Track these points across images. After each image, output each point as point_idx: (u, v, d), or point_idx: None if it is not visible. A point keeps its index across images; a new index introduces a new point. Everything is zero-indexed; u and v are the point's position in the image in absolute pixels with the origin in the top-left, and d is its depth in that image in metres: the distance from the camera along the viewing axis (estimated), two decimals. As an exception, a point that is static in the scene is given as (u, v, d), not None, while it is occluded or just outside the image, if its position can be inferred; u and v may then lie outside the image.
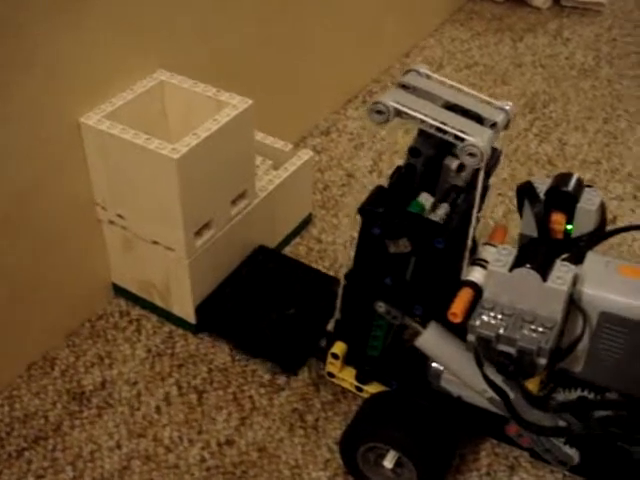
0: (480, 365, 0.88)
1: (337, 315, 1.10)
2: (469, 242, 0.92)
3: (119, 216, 1.21)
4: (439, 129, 0.87)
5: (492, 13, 2.36)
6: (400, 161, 1.66)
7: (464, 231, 0.93)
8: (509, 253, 0.87)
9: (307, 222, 1.49)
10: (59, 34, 1.05)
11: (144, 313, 1.33)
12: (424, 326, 0.98)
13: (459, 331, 0.94)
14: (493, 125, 0.90)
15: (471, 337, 0.87)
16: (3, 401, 1.18)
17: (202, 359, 1.25)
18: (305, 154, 1.41)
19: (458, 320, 0.89)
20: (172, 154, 1.07)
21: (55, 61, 1.06)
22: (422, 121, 0.88)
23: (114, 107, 1.16)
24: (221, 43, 1.37)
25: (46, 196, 1.13)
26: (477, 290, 0.92)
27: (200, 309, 1.25)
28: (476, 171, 1.03)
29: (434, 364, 1.01)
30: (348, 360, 1.14)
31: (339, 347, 1.12)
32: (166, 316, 1.30)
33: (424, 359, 1.02)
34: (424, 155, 0.96)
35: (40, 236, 1.15)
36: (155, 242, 1.20)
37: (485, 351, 0.86)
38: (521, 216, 1.00)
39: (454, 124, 0.87)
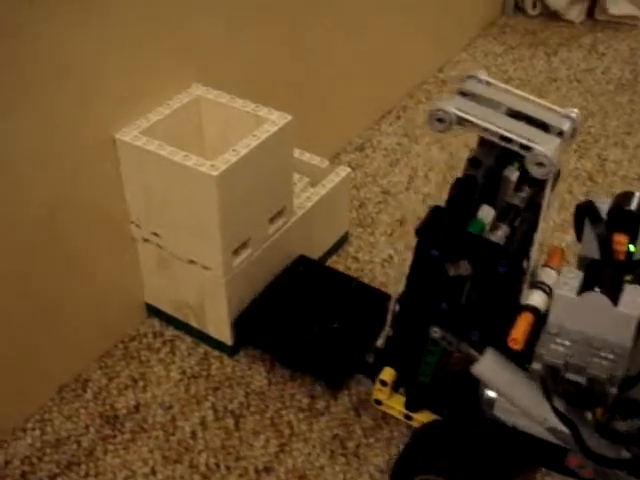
0: (548, 394, 0.83)
1: (387, 331, 1.04)
2: (532, 265, 0.88)
3: (154, 234, 1.18)
4: (504, 138, 0.82)
5: (525, 27, 2.32)
6: (436, 177, 1.64)
7: (524, 253, 0.89)
8: (575, 276, 0.83)
9: (344, 240, 1.45)
10: (94, 49, 1.02)
11: (178, 334, 1.29)
12: (480, 352, 0.93)
13: (515, 357, 0.89)
14: (560, 133, 0.84)
15: (537, 365, 0.82)
16: (34, 425, 1.15)
17: (239, 382, 1.21)
18: (342, 171, 1.38)
19: (519, 347, 0.84)
20: (211, 171, 1.03)
21: (90, 77, 1.03)
22: (485, 129, 0.83)
23: (150, 123, 1.13)
24: (255, 58, 1.34)
25: (80, 214, 1.10)
26: (537, 315, 0.87)
27: (238, 321, 1.21)
28: (536, 190, 0.98)
29: (487, 391, 0.96)
30: (397, 385, 1.09)
31: (388, 373, 1.07)
32: (201, 337, 1.27)
33: (476, 386, 0.97)
34: (484, 166, 0.90)
35: (72, 255, 1.12)
36: (191, 261, 1.17)
37: (552, 380, 0.81)
38: (579, 236, 0.95)
39: (520, 132, 0.82)
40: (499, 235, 0.91)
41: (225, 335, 1.22)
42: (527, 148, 0.81)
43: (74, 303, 1.16)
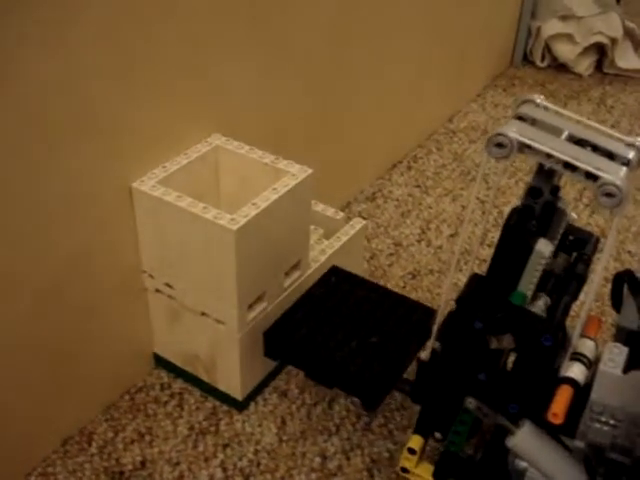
0: (593, 475, 0.80)
1: (432, 343, 0.97)
2: (576, 338, 0.86)
3: (167, 285, 1.16)
4: (568, 165, 0.77)
5: (534, 79, 2.33)
6: (448, 230, 1.62)
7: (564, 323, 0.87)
8: (620, 352, 0.80)
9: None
10: (117, 98, 1.01)
11: (186, 386, 1.26)
12: (516, 425, 0.91)
13: (552, 429, 0.87)
14: (626, 163, 0.79)
15: (580, 444, 0.80)
16: (37, 478, 1.11)
17: (248, 438, 1.18)
18: (358, 223, 1.36)
19: (559, 422, 0.81)
20: (231, 225, 1.01)
21: (110, 126, 1.02)
22: (549, 156, 0.78)
23: (168, 172, 1.11)
24: (270, 109, 1.33)
25: (92, 263, 1.08)
26: (577, 387, 0.84)
27: (268, 335, 1.13)
28: (576, 258, 0.96)
29: (517, 461, 0.93)
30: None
31: (416, 441, 1.04)
32: (210, 390, 1.23)
33: (505, 456, 0.95)
34: (544, 196, 0.85)
35: (82, 302, 1.09)
36: (204, 314, 1.14)
37: (595, 459, 0.78)
38: (617, 306, 0.93)
39: (585, 160, 0.77)
40: (539, 305, 0.89)
41: (235, 390, 1.20)
42: (593, 177, 0.76)
43: (81, 352, 1.13)
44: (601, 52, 2.38)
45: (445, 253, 1.56)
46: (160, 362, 1.28)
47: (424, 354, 0.98)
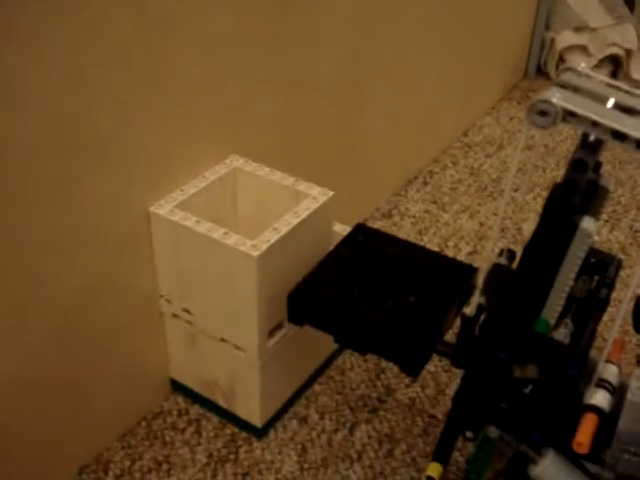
0: None
1: (477, 298, 0.89)
2: (601, 366, 0.83)
3: (185, 310, 1.13)
4: (617, 134, 0.71)
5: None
6: (468, 248, 1.59)
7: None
8: None
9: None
10: (129, 120, 0.99)
11: (204, 412, 1.23)
12: (539, 454, 0.88)
13: (576, 457, 0.84)
14: None
15: (609, 475, 0.77)
16: (53, 509, 1.09)
17: (268, 467, 1.15)
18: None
19: (585, 451, 0.79)
20: (252, 251, 0.99)
21: (126, 149, 1.00)
22: (595, 124, 0.72)
23: (186, 196, 1.09)
24: (285, 127, 1.31)
25: (108, 288, 1.06)
26: (601, 415, 0.82)
27: (293, 297, 1.04)
28: (598, 282, 0.94)
29: None
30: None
31: (435, 469, 1.01)
32: (228, 417, 1.21)
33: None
34: (589, 170, 0.80)
35: (98, 328, 1.07)
36: (223, 340, 1.12)
37: None
38: (638, 329, 0.91)
39: (636, 128, 0.71)
40: (563, 333, 0.87)
41: (255, 417, 1.17)
42: None
43: (97, 378, 1.11)
44: (616, 63, 2.35)
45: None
46: (177, 387, 1.25)
47: (469, 309, 0.90)
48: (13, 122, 0.84)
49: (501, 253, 0.99)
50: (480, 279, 0.89)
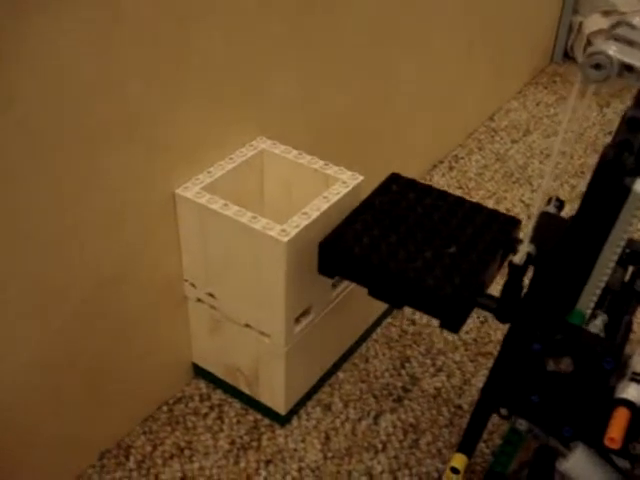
0: None
1: (527, 246, 0.84)
2: (635, 360, 0.80)
3: (210, 295, 1.11)
4: None
5: (576, 76, 2.26)
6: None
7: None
8: None
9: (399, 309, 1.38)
10: (157, 100, 0.96)
11: (226, 398, 1.21)
12: (569, 448, 0.86)
13: (606, 451, 0.82)
14: None
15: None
16: (73, 494, 1.07)
17: (291, 455, 1.13)
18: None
19: (617, 446, 0.77)
20: (281, 237, 0.96)
21: (153, 130, 0.97)
22: None
23: (213, 178, 1.06)
24: (311, 111, 1.28)
25: (132, 270, 1.04)
26: (634, 409, 0.79)
27: (324, 247, 0.99)
28: (633, 273, 0.92)
29: None
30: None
31: (460, 460, 0.99)
32: (251, 403, 1.19)
33: (551, 477, 0.90)
34: None
35: (121, 312, 1.05)
36: (247, 325, 1.10)
37: None
38: None
39: None
40: (598, 325, 0.84)
41: (279, 404, 1.15)
42: None
43: (119, 362, 1.09)
44: (645, 48, 2.30)
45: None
46: (199, 372, 1.23)
47: (517, 258, 0.84)
48: (45, 96, 0.81)
49: (549, 201, 0.95)
50: (530, 227, 0.83)
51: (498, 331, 1.35)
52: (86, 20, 0.82)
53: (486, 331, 1.35)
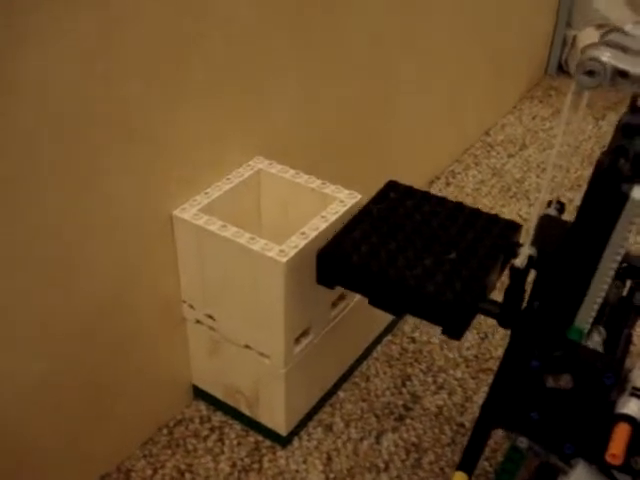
0: None
1: (528, 249, 0.82)
2: (635, 375, 0.80)
3: (208, 316, 1.10)
4: None
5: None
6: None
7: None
8: None
9: (399, 318, 1.37)
10: (156, 121, 0.96)
11: (226, 420, 1.20)
12: (570, 465, 0.85)
13: (607, 467, 0.81)
14: None
15: None
16: (73, 519, 1.06)
17: (293, 476, 1.12)
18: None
19: (619, 463, 0.76)
20: (280, 257, 0.96)
21: (151, 150, 0.97)
22: None
23: (210, 199, 1.06)
24: (311, 131, 1.28)
25: (130, 292, 1.03)
26: (634, 425, 0.78)
27: (322, 257, 0.98)
28: (631, 287, 0.91)
29: None
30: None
31: (460, 479, 0.98)
32: (252, 425, 1.18)
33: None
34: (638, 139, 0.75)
35: (120, 334, 1.04)
36: (247, 346, 1.09)
37: None
38: None
39: None
40: (596, 340, 0.84)
41: (279, 425, 1.14)
42: None
43: (118, 384, 1.08)
44: (639, 61, 2.30)
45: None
46: (199, 394, 1.22)
47: (519, 261, 0.82)
48: (37, 112, 0.81)
49: (550, 204, 0.95)
50: (531, 230, 0.82)
51: (499, 347, 1.34)
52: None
53: (487, 347, 1.34)
